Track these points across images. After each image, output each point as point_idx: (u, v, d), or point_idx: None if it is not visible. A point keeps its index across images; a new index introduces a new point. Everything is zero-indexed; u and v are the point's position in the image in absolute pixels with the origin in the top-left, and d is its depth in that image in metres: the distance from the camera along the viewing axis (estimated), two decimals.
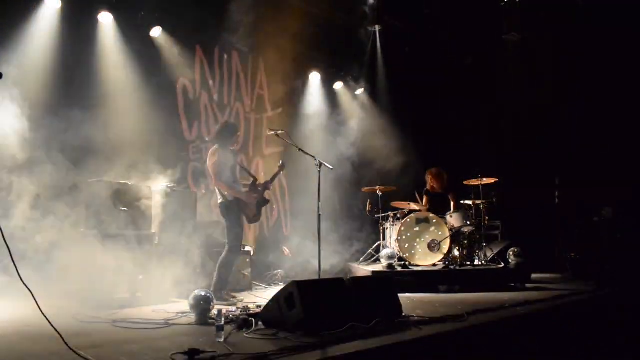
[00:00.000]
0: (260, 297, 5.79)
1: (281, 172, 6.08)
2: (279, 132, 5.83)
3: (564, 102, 10.05)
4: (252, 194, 5.76)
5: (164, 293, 5.45)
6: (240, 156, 6.23)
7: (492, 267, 7.24)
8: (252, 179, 5.92)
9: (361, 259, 8.21)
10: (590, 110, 9.61)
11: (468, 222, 7.37)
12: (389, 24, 9.26)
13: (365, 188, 8.36)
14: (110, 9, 6.81)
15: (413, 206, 7.87)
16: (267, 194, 5.98)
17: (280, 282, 7.13)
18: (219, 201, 5.70)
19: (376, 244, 8.14)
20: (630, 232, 7.71)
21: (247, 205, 5.66)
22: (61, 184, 5.58)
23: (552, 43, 9.87)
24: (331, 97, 9.69)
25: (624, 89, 9.07)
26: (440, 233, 7.20)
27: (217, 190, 5.73)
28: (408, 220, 7.32)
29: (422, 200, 8.12)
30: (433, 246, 7.17)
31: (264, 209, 6.15)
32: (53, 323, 3.14)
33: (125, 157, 6.25)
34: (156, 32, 7.30)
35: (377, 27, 9.05)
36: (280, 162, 6.12)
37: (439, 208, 7.81)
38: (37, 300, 3.18)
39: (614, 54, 9.11)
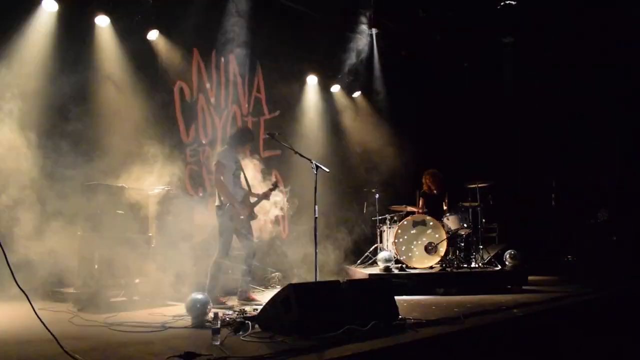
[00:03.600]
0: (257, 299, 5.79)
1: (272, 192, 6.06)
2: (276, 135, 5.83)
3: (561, 103, 10.08)
4: (244, 207, 5.77)
5: (160, 296, 5.45)
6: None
7: (489, 269, 7.25)
8: (247, 191, 5.94)
9: (358, 261, 8.21)
10: (588, 110, 9.65)
11: (465, 225, 7.39)
12: (386, 27, 9.28)
13: (363, 189, 8.37)
14: (107, 12, 6.81)
15: (410, 208, 7.89)
16: (256, 210, 5.99)
17: (277, 285, 7.12)
18: (216, 204, 5.73)
19: (373, 247, 8.15)
20: (626, 234, 7.72)
21: (238, 215, 5.67)
22: (58, 187, 5.58)
23: (548, 44, 9.91)
24: (328, 100, 9.70)
25: (620, 87, 9.11)
26: (437, 236, 7.21)
27: (216, 192, 5.76)
28: (405, 223, 7.33)
29: (418, 201, 8.15)
30: (430, 249, 7.18)
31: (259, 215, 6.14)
32: (49, 326, 3.13)
33: (122, 160, 6.25)
34: (153, 35, 7.30)
35: (373, 30, 9.07)
36: (274, 180, 6.16)
37: (435, 210, 7.83)
38: (32, 303, 3.17)
39: (608, 52, 9.14)
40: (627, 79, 9.03)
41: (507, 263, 7.32)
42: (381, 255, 7.18)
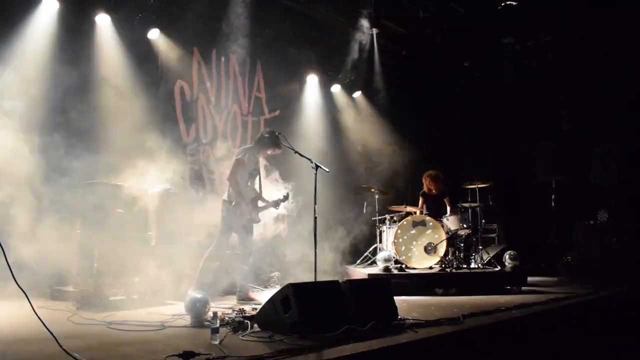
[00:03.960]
0: (256, 299, 5.79)
1: (283, 202, 6.09)
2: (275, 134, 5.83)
3: (561, 102, 10.09)
4: (250, 208, 5.77)
5: (160, 295, 5.45)
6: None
7: (488, 270, 7.25)
8: (257, 194, 5.95)
9: (358, 261, 8.21)
10: (588, 109, 9.65)
11: (464, 225, 7.39)
12: (386, 27, 9.28)
13: (362, 187, 8.36)
14: (108, 11, 6.81)
15: (409, 209, 7.89)
16: (259, 215, 5.99)
17: (277, 285, 7.11)
18: (224, 197, 5.75)
19: (373, 247, 8.14)
20: (625, 235, 7.72)
21: (243, 215, 5.67)
22: (57, 185, 5.57)
23: (546, 46, 9.93)
24: (328, 100, 9.70)
25: (620, 87, 9.12)
26: (436, 236, 7.20)
27: (227, 187, 5.78)
28: (405, 223, 7.33)
29: (418, 201, 8.15)
30: (429, 249, 7.17)
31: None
32: (48, 325, 3.13)
33: (122, 158, 6.24)
34: (154, 34, 7.30)
35: (374, 30, 9.08)
36: (286, 193, 6.17)
37: (434, 210, 7.83)
38: (31, 302, 3.17)
39: (609, 54, 9.14)
40: (628, 78, 9.02)
41: (506, 264, 7.32)
42: (380, 255, 7.18)
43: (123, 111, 6.83)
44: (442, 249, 7.14)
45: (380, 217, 8.11)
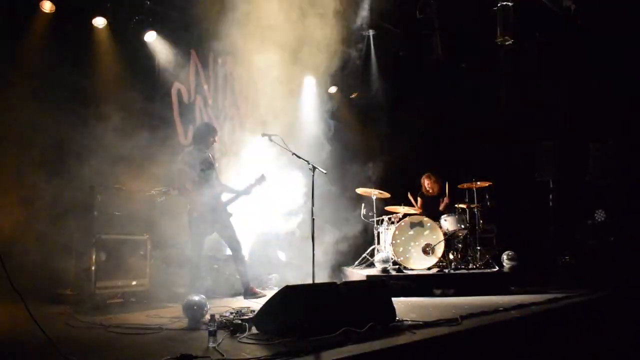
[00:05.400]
0: (255, 301, 5.78)
1: (258, 185, 6.02)
2: (273, 136, 5.82)
3: (559, 102, 10.10)
4: (214, 206, 5.72)
5: (157, 298, 5.44)
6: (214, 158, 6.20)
7: (486, 270, 7.25)
8: (222, 187, 5.93)
9: (355, 263, 8.20)
10: (586, 109, 9.66)
11: (462, 226, 7.39)
12: (383, 28, 9.29)
13: (360, 190, 8.35)
14: (104, 14, 6.80)
15: (407, 209, 7.88)
16: (232, 207, 5.96)
17: (275, 287, 7.10)
18: (188, 207, 5.74)
19: (371, 248, 8.14)
20: (623, 235, 7.73)
21: (211, 217, 5.64)
22: (55, 188, 5.57)
23: (544, 46, 9.94)
24: (325, 101, 9.69)
25: (615, 88, 9.14)
26: (434, 237, 7.21)
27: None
28: (402, 224, 7.33)
29: (415, 201, 8.15)
30: (427, 250, 7.17)
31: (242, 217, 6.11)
32: (44, 328, 3.12)
33: (120, 161, 6.24)
34: (150, 36, 7.29)
35: (371, 31, 9.08)
36: (261, 174, 6.07)
37: (433, 211, 7.83)
38: (27, 305, 3.16)
39: (605, 55, 9.16)
40: (626, 77, 9.04)
41: (504, 264, 7.32)
42: (379, 256, 7.18)
43: (120, 114, 6.81)
44: (440, 250, 7.14)
45: (378, 218, 8.11)
